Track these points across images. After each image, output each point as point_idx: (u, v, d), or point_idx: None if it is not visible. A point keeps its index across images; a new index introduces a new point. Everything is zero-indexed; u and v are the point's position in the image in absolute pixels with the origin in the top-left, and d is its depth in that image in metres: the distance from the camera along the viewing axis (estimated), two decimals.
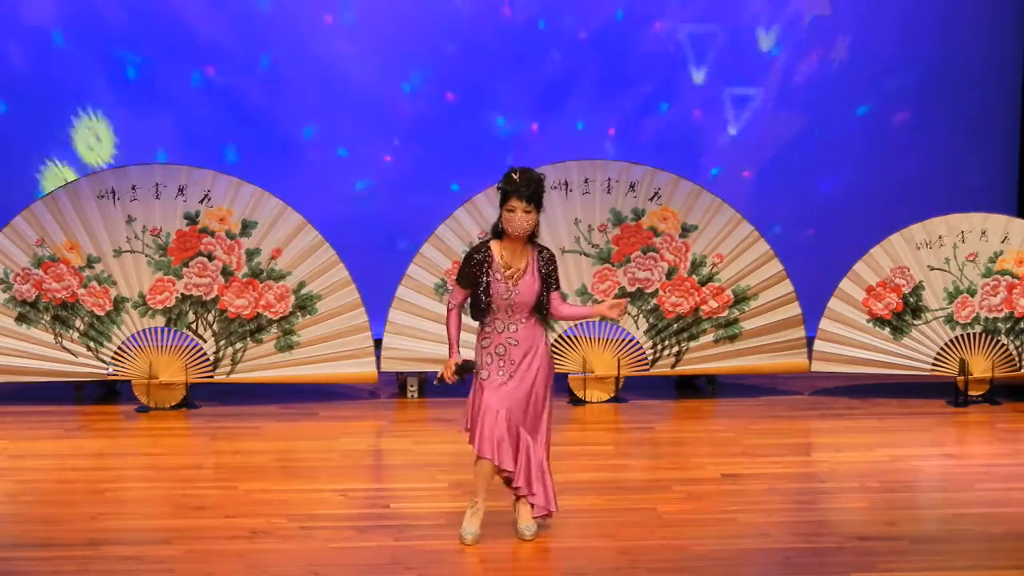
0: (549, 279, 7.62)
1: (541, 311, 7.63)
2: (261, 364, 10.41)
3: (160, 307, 10.33)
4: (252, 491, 8.54)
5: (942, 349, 10.60)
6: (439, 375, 7.67)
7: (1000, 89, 12.12)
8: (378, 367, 10.48)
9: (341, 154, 11.79)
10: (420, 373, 10.64)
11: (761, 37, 11.89)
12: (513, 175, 7.51)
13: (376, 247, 11.68)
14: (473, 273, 7.57)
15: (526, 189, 7.47)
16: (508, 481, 7.75)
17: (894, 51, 11.98)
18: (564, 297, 7.77)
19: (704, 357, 10.64)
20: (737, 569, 7.43)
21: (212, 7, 11.54)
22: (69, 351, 10.30)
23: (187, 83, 11.59)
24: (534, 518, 7.76)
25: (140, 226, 10.29)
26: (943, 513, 8.32)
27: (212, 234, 10.32)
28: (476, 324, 7.68)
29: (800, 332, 10.62)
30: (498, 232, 7.59)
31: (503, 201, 7.52)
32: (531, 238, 7.60)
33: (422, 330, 10.42)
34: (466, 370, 7.62)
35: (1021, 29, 12.07)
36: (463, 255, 7.66)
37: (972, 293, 10.57)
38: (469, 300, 7.64)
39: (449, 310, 7.68)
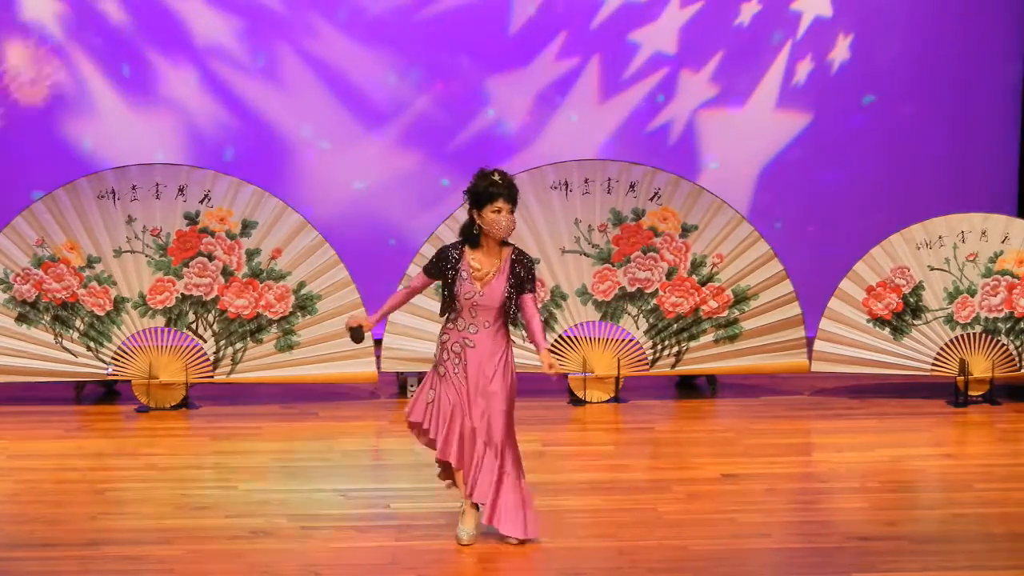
0: (523, 282, 7.55)
1: (508, 314, 7.59)
2: (261, 364, 10.41)
3: (160, 307, 10.32)
4: (252, 491, 8.54)
5: (942, 349, 10.59)
6: (347, 323, 7.78)
7: (1000, 89, 12.11)
8: (378, 367, 10.47)
9: (341, 153, 11.79)
10: (420, 373, 10.63)
11: (761, 37, 11.89)
12: (494, 177, 7.47)
13: (376, 247, 11.68)
14: (442, 268, 7.56)
15: (509, 191, 7.47)
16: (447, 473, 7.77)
17: (894, 51, 11.97)
18: (538, 303, 7.75)
19: (704, 357, 10.63)
20: (737, 569, 7.42)
21: (213, 4, 11.56)
22: (69, 351, 10.30)
23: (186, 81, 11.60)
24: (511, 538, 7.65)
25: (140, 226, 10.29)
26: (943, 513, 8.33)
27: (212, 234, 10.32)
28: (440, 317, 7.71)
29: (800, 332, 10.61)
30: (473, 236, 7.54)
31: (487, 202, 7.44)
32: (504, 240, 7.59)
33: (422, 330, 10.42)
34: (355, 334, 7.67)
35: (1021, 29, 12.06)
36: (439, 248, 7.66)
37: (972, 293, 10.57)
38: (441, 297, 7.63)
39: (400, 288, 7.70)
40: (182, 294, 10.33)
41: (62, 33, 11.46)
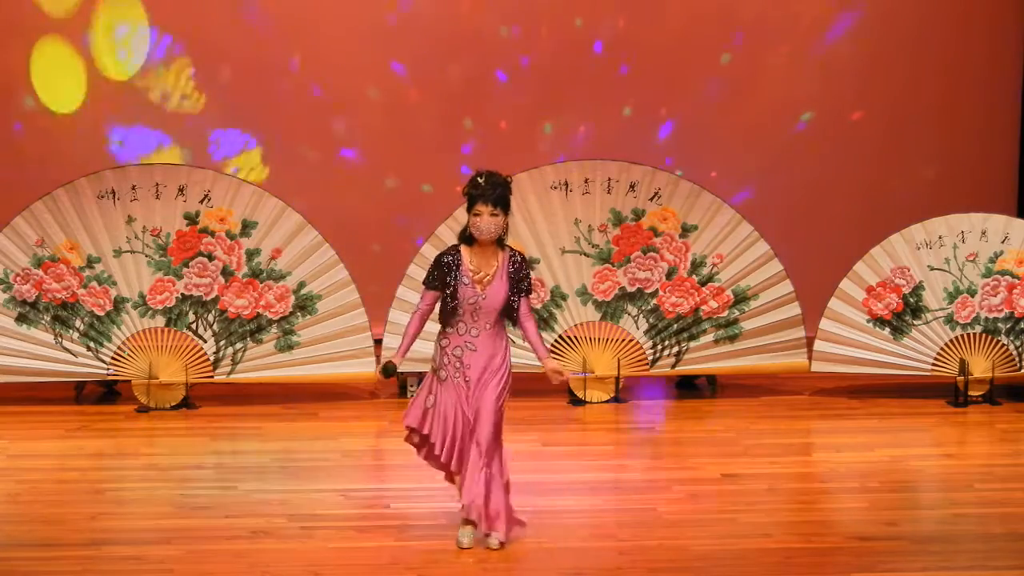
0: (520, 283, 7.58)
1: (510, 316, 7.60)
2: (261, 364, 10.41)
3: (160, 307, 10.33)
4: (252, 491, 8.54)
5: (942, 349, 10.59)
6: (378, 369, 7.70)
7: (1000, 89, 12.11)
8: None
9: (342, 153, 11.79)
10: (420, 373, 10.62)
11: (760, 36, 11.89)
12: (478, 179, 7.50)
13: (377, 247, 11.68)
14: (442, 275, 7.55)
15: (491, 192, 7.46)
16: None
17: (894, 50, 11.97)
18: (532, 306, 7.72)
19: (704, 357, 10.64)
20: (737, 569, 7.42)
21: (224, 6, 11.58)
22: (69, 351, 10.30)
23: (188, 80, 11.61)
24: (493, 540, 7.65)
25: (140, 226, 10.29)
26: (943, 513, 8.33)
27: (212, 234, 10.32)
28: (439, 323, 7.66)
29: (800, 332, 10.61)
30: (467, 237, 7.57)
31: (470, 204, 7.50)
32: (500, 241, 7.59)
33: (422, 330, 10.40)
34: (388, 372, 7.60)
35: (1021, 29, 12.07)
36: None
37: (972, 293, 10.57)
38: (442, 304, 7.60)
39: (413, 313, 7.67)
40: (182, 294, 10.33)
41: (63, 32, 11.46)
